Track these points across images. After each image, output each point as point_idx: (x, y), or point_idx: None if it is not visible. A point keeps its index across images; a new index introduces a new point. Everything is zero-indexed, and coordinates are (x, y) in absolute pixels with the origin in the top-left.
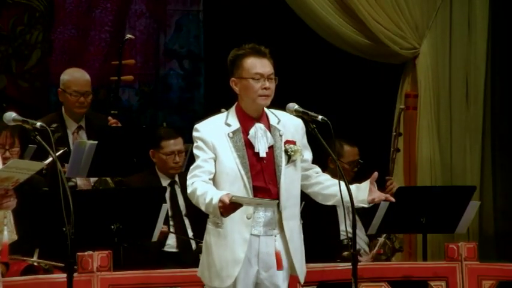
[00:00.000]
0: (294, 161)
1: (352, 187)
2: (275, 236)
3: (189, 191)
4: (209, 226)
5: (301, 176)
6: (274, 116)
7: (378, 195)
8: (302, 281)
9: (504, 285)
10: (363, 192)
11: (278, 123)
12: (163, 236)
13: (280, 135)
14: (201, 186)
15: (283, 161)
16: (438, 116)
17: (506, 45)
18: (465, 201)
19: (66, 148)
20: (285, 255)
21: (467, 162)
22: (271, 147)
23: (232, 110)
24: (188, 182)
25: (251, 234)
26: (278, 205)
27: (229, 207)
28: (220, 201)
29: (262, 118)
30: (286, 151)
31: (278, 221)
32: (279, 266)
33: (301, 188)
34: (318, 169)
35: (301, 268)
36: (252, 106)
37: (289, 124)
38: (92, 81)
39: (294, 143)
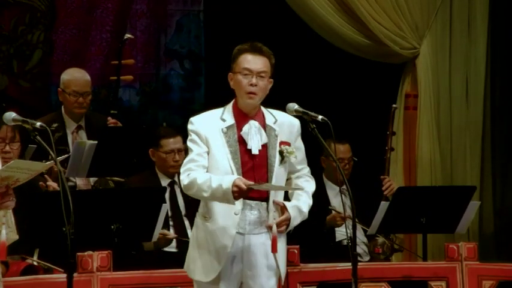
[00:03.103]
0: (286, 162)
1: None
2: (262, 235)
3: (185, 182)
4: (198, 220)
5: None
6: (272, 115)
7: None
8: (283, 281)
9: (504, 285)
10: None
11: (274, 123)
12: (166, 241)
13: (276, 135)
14: (201, 175)
15: (277, 161)
16: (438, 116)
17: (506, 45)
18: (465, 201)
19: (69, 153)
20: (270, 254)
21: (467, 162)
22: (264, 146)
23: (229, 106)
24: (183, 176)
25: (237, 232)
26: (267, 205)
27: (245, 192)
28: (236, 186)
29: (257, 116)
30: (281, 152)
31: (265, 221)
32: (274, 249)
33: None
34: (302, 172)
35: (283, 269)
36: (243, 102)
37: (286, 125)
38: (93, 81)
39: (288, 144)
